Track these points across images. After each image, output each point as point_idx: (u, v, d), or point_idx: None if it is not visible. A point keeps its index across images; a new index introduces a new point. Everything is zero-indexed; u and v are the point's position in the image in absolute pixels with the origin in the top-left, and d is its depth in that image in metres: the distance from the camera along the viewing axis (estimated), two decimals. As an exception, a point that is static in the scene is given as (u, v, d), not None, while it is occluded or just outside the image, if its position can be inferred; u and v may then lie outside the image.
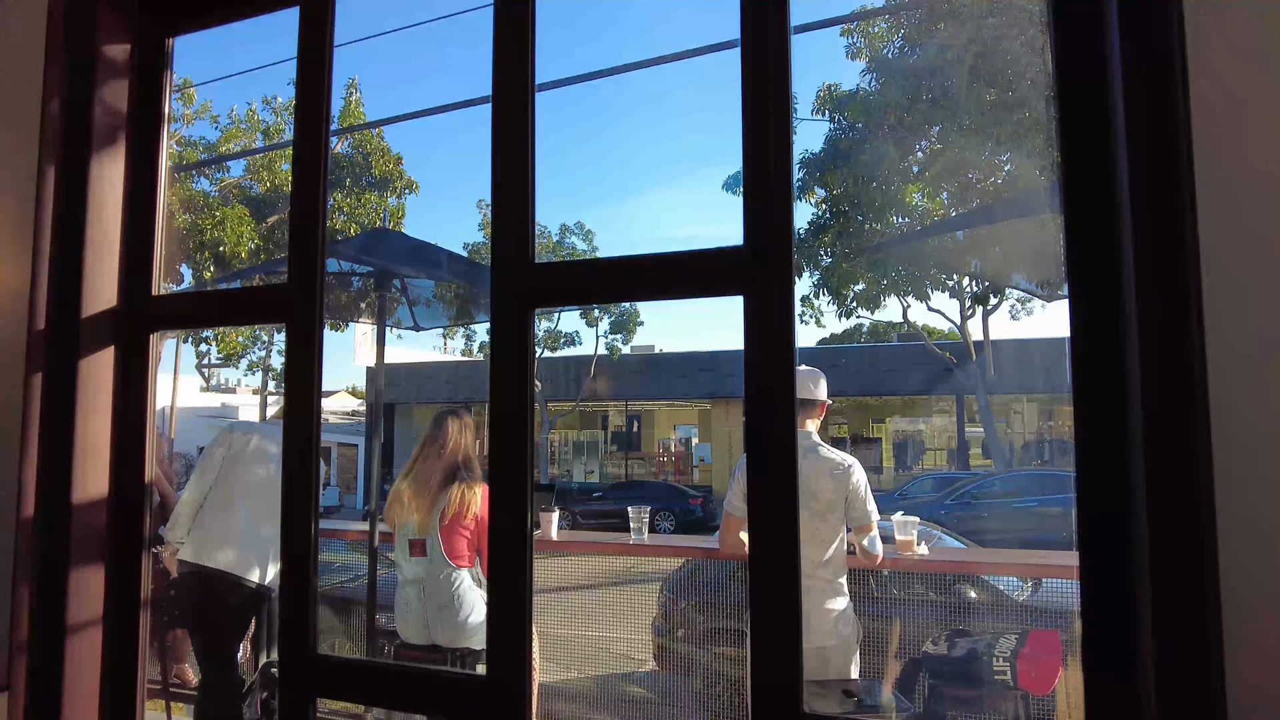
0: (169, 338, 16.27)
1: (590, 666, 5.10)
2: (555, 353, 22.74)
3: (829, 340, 27.62)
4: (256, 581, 3.34)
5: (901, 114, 12.62)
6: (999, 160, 12.51)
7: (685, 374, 22.81)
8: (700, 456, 24.52)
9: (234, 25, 1.64)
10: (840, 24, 12.43)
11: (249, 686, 3.43)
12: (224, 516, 3.35)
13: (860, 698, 2.91)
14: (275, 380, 21.69)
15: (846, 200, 13.59)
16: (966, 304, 17.29)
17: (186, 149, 16.21)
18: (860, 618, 3.00)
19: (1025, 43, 10.98)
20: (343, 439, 25.02)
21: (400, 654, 3.23)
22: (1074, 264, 0.99)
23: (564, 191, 27.11)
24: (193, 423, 22.16)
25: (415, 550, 3.13)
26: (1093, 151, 0.98)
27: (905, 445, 23.98)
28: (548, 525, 4.15)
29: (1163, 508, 0.88)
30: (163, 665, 4.05)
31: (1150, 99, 0.91)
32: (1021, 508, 13.42)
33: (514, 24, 1.30)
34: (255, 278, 9.95)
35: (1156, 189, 0.90)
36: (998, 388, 18.59)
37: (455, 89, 31.76)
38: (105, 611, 1.51)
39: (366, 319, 6.33)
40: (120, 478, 1.53)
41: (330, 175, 1.45)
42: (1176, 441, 0.87)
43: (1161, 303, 0.89)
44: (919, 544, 3.48)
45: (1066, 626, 3.85)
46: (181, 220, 14.09)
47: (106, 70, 1.55)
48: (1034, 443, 22.57)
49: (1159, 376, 0.89)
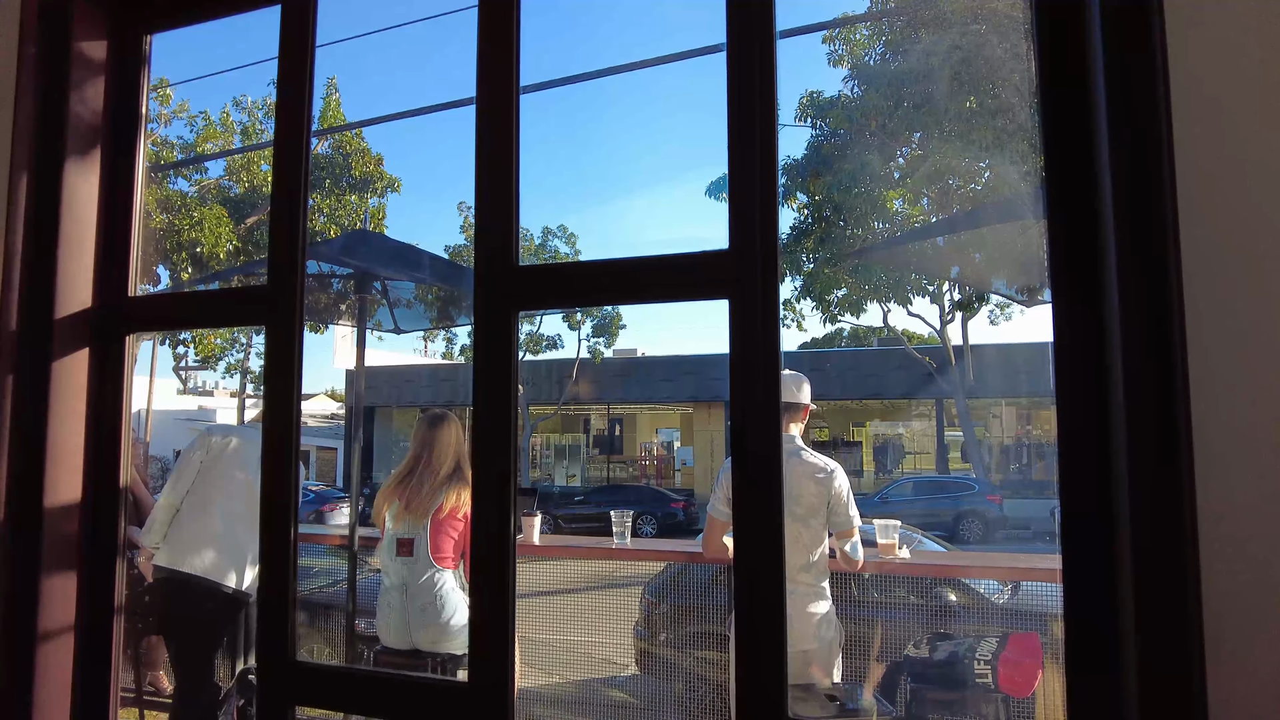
0: (145, 339, 16.05)
1: (571, 671, 5.07)
2: (537, 356, 22.68)
3: (810, 344, 27.78)
4: (233, 587, 3.29)
5: (883, 120, 12.71)
6: (979, 166, 12.64)
7: (668, 377, 22.83)
8: (682, 460, 24.53)
9: (207, 23, 1.62)
10: (823, 30, 12.51)
11: (225, 694, 3.38)
12: (201, 521, 3.30)
13: (843, 701, 2.91)
14: (253, 383, 21.48)
15: (829, 205, 13.68)
16: (946, 309, 17.45)
17: (163, 149, 16.01)
18: (841, 621, 3.00)
19: (1008, 49, 11.11)
20: (321, 442, 24.80)
21: (380, 659, 3.19)
22: (1057, 268, 0.99)
23: (546, 194, 27.08)
24: (169, 425, 21.90)
25: (403, 549, 3.10)
26: (1076, 158, 0.99)
27: (885, 449, 24.14)
28: (530, 529, 4.13)
29: (1145, 510, 0.88)
30: (136, 673, 3.99)
31: (1131, 104, 0.92)
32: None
33: (499, 28, 1.29)
34: (234, 279, 9.84)
35: (1139, 193, 0.91)
36: (977, 392, 18.77)
37: (434, 90, 31.67)
38: (78, 618, 1.48)
39: (345, 321, 6.28)
40: (94, 482, 1.50)
41: (310, 176, 1.43)
42: (1159, 445, 0.88)
43: (1144, 306, 0.90)
44: (900, 547, 3.50)
45: (1045, 629, 3.88)
46: (158, 221, 13.90)
47: (83, 68, 1.52)
48: (1013, 446, 22.80)
49: (1141, 378, 0.89)
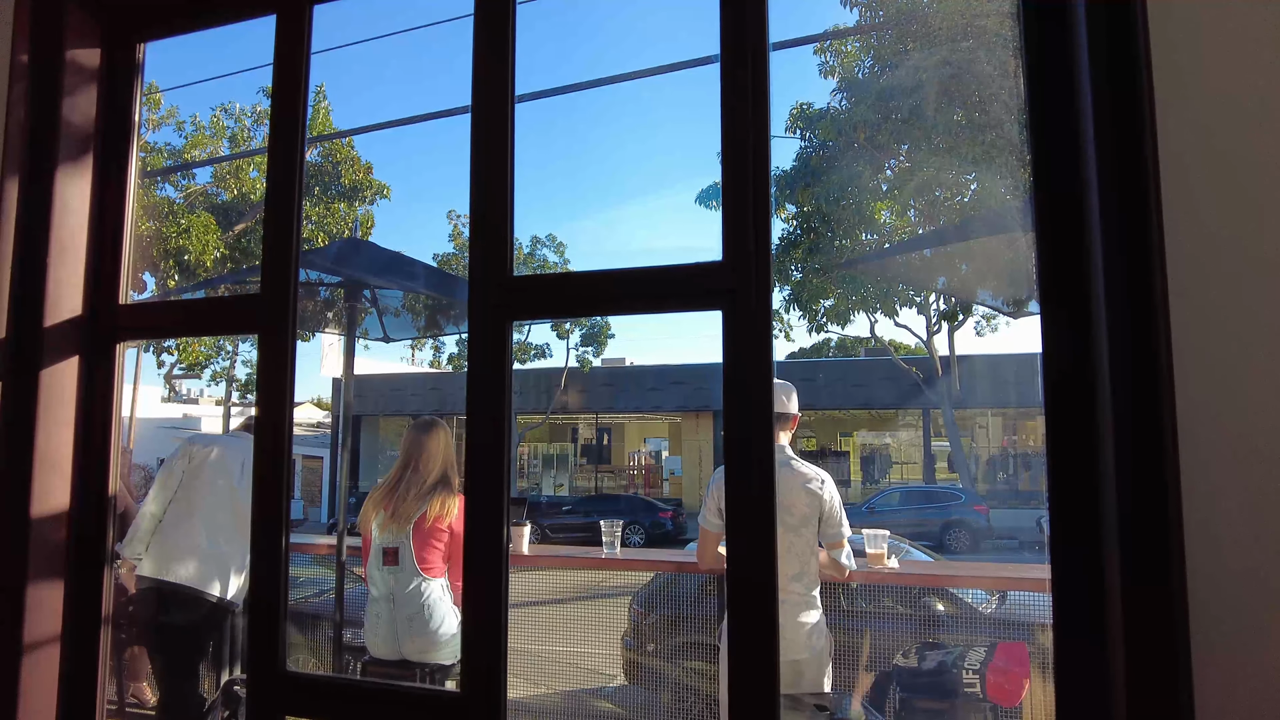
0: (131, 347, 15.92)
1: (559, 682, 5.05)
2: (525, 365, 22.62)
3: (797, 354, 27.86)
4: (218, 596, 3.26)
5: (872, 132, 12.81)
6: (966, 179, 12.75)
7: (656, 387, 22.82)
8: (670, 469, 24.50)
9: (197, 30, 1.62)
10: (813, 43, 12.61)
11: (210, 705, 3.35)
12: (185, 529, 3.27)
13: (832, 711, 2.91)
14: (239, 391, 21.32)
15: (817, 216, 13.75)
16: (933, 320, 17.55)
17: (152, 155, 15.92)
18: (831, 630, 3.01)
19: (996, 66, 11.23)
20: (308, 451, 24.59)
21: (368, 670, 3.17)
22: (1045, 280, 1.00)
23: (535, 204, 27.10)
24: (153, 433, 21.67)
25: (388, 558, 3.08)
26: (1064, 172, 1.01)
27: (873, 458, 24.21)
28: (519, 539, 4.12)
29: (1133, 519, 0.89)
30: (119, 684, 3.94)
31: (1119, 117, 0.94)
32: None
33: (494, 39, 1.30)
34: (221, 287, 9.79)
35: (1126, 206, 0.92)
36: (963, 402, 18.87)
37: (418, 99, 31.62)
38: (64, 629, 1.47)
39: (333, 329, 6.24)
40: (82, 490, 1.49)
41: (304, 184, 1.43)
42: (1146, 453, 0.89)
43: (1131, 316, 0.91)
44: (889, 557, 3.51)
45: (1031, 638, 3.90)
46: (145, 228, 13.81)
47: (75, 75, 1.52)
48: (999, 457, 22.91)
49: (1129, 388, 0.91)
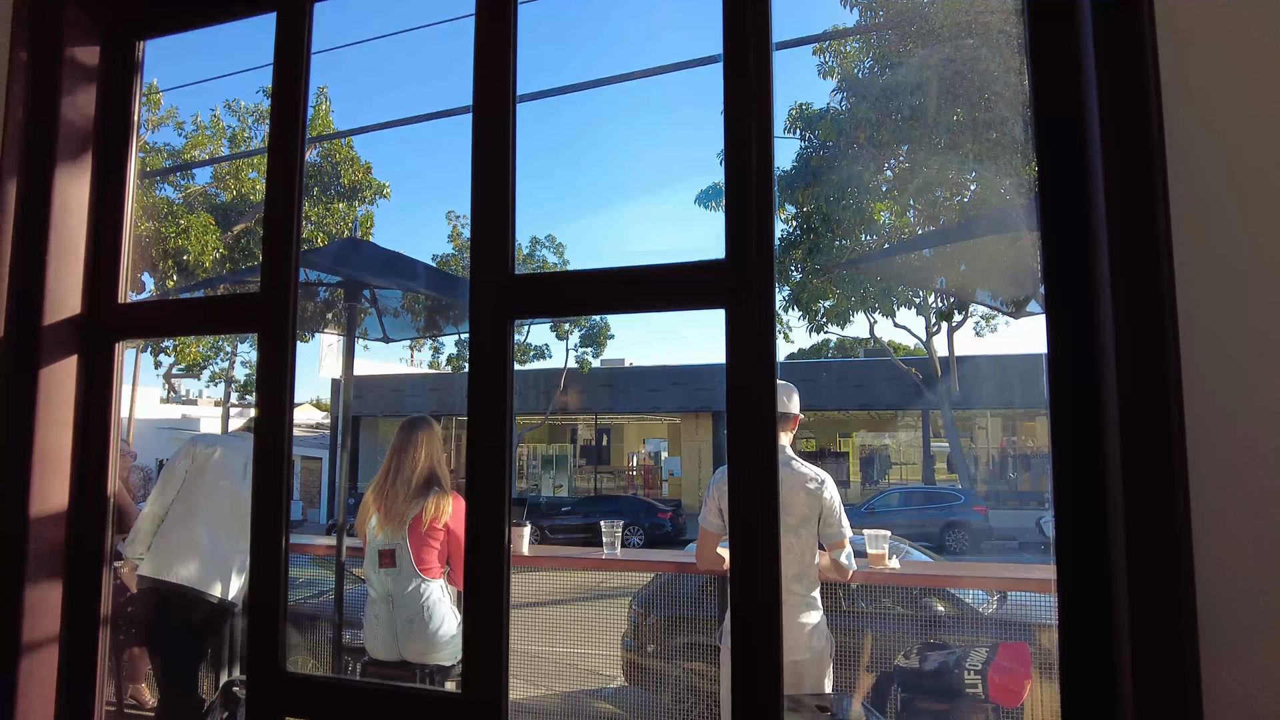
0: (128, 347, 15.90)
1: (559, 683, 5.04)
2: (524, 366, 22.60)
3: (797, 355, 27.85)
4: (219, 597, 3.26)
5: (872, 132, 12.82)
6: (966, 178, 12.76)
7: (655, 387, 22.81)
8: (670, 470, 24.49)
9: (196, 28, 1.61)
10: (813, 43, 12.61)
11: (209, 706, 3.34)
12: (186, 530, 3.26)
13: (833, 712, 2.90)
14: (238, 391, 21.31)
15: (817, 217, 13.76)
16: (932, 320, 17.55)
17: (151, 155, 15.92)
18: (831, 631, 3.00)
19: (1000, 63, 11.23)
20: (306, 452, 24.56)
21: (368, 671, 3.16)
22: (1050, 279, 1.00)
23: (534, 205, 27.07)
24: (152, 434, 21.64)
25: (385, 561, 3.08)
26: (1069, 170, 1.00)
27: (872, 459, 24.21)
28: (519, 540, 4.12)
29: (1139, 519, 0.89)
30: (118, 685, 3.94)
31: (1125, 115, 0.93)
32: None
33: (496, 38, 1.29)
34: (220, 288, 9.79)
35: (1132, 204, 0.92)
36: (963, 403, 18.87)
37: (418, 98, 31.60)
38: (62, 630, 1.46)
39: (332, 329, 6.23)
40: (81, 490, 1.48)
41: (304, 184, 1.42)
42: (1153, 451, 0.88)
43: (1137, 316, 0.90)
44: (890, 558, 3.50)
45: (1032, 639, 3.89)
46: (145, 228, 13.80)
47: (74, 73, 1.51)
48: (999, 457, 22.92)
49: (1134, 387, 0.90)
